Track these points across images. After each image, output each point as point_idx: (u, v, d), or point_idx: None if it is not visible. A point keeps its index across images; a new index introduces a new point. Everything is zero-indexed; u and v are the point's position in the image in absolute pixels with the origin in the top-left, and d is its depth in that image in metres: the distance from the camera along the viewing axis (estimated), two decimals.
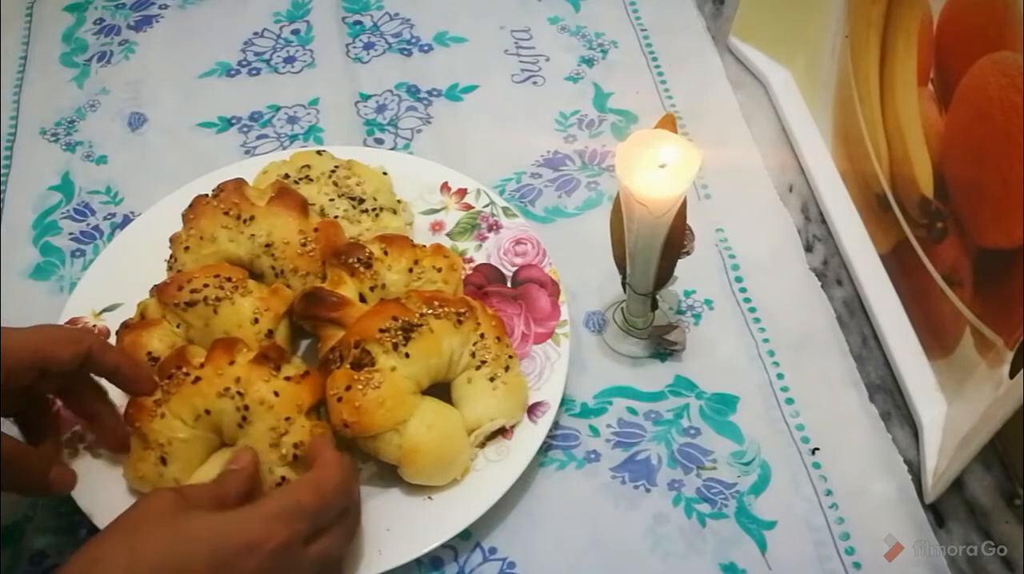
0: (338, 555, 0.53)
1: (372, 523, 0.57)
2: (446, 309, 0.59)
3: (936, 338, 0.62)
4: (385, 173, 0.70)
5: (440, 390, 0.60)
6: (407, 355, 0.57)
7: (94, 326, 0.64)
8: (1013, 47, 0.50)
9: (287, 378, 0.56)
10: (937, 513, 0.59)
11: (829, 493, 0.60)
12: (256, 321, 0.60)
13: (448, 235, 0.70)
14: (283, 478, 0.55)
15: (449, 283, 0.64)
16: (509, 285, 0.67)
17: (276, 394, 0.55)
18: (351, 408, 0.56)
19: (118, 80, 0.84)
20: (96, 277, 0.67)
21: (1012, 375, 0.50)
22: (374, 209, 0.67)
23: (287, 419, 0.55)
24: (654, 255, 0.58)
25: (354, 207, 0.67)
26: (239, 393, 0.55)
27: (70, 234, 0.73)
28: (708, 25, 0.87)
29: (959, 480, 0.58)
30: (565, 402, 0.63)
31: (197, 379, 0.56)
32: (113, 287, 0.66)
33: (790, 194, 0.75)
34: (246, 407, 0.55)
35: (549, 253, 0.68)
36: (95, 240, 0.73)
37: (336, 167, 0.69)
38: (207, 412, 0.55)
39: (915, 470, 0.60)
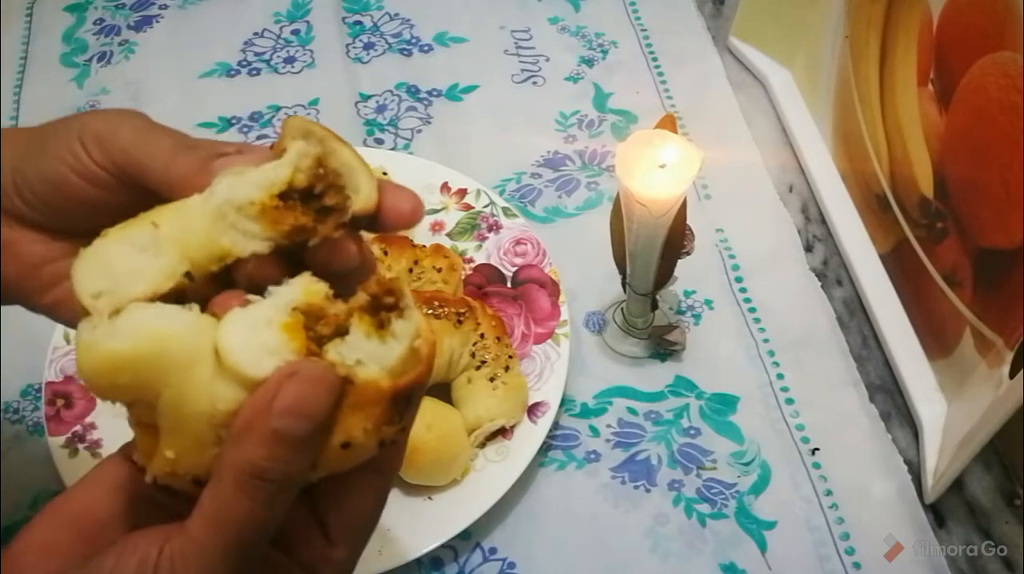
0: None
1: None
2: (446, 309, 0.59)
3: (936, 338, 0.62)
4: (385, 173, 0.70)
5: (440, 390, 0.60)
6: None
7: None
8: (1013, 47, 0.50)
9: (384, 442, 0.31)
10: (937, 513, 0.59)
11: (829, 493, 0.60)
12: None
13: (448, 235, 0.70)
14: None
15: (449, 283, 0.64)
16: (509, 285, 0.67)
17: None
18: None
19: (118, 80, 0.84)
20: None
21: (1012, 375, 0.50)
22: None
23: None
24: (654, 255, 0.58)
25: None
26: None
27: None
28: (708, 25, 0.87)
29: (959, 480, 0.58)
30: (565, 402, 0.63)
31: None
32: None
33: (790, 194, 0.75)
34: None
35: (549, 253, 0.68)
36: None
37: None
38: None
39: (915, 470, 0.60)
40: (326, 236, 0.32)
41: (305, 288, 0.31)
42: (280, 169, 0.32)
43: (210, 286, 0.33)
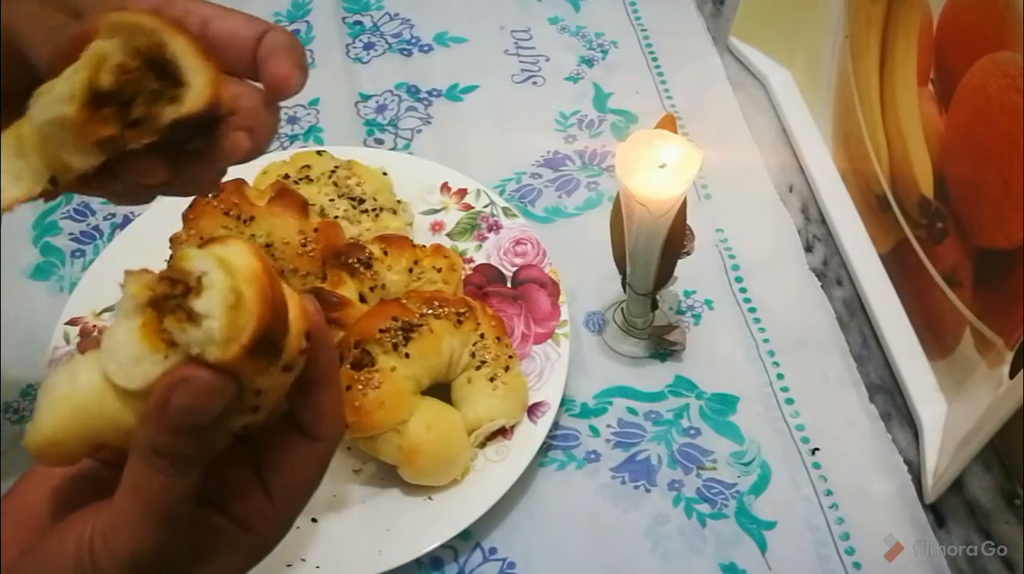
0: None
1: (372, 523, 0.57)
2: (446, 309, 0.59)
3: (936, 338, 0.62)
4: (385, 173, 0.70)
5: (440, 390, 0.60)
6: (407, 355, 0.57)
7: (94, 326, 0.64)
8: (1013, 47, 0.50)
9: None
10: (937, 513, 0.59)
11: (829, 493, 0.60)
12: None
13: (448, 235, 0.70)
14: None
15: (449, 283, 0.64)
16: (509, 285, 0.67)
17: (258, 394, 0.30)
18: (351, 408, 0.55)
19: None
20: (96, 277, 0.67)
21: (1012, 375, 0.50)
22: (374, 209, 0.67)
23: None
24: (654, 255, 0.58)
25: (354, 207, 0.67)
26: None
27: (70, 234, 0.73)
28: (708, 25, 0.87)
29: (959, 480, 0.58)
30: (565, 402, 0.63)
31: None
32: (113, 287, 0.64)
33: (790, 194, 0.75)
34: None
35: (549, 253, 0.68)
36: (95, 240, 0.73)
37: (336, 167, 0.69)
38: None
39: (915, 470, 0.60)
40: (146, 142, 0.31)
41: (134, 285, 0.30)
42: (77, 74, 0.30)
43: (100, 177, 0.33)
